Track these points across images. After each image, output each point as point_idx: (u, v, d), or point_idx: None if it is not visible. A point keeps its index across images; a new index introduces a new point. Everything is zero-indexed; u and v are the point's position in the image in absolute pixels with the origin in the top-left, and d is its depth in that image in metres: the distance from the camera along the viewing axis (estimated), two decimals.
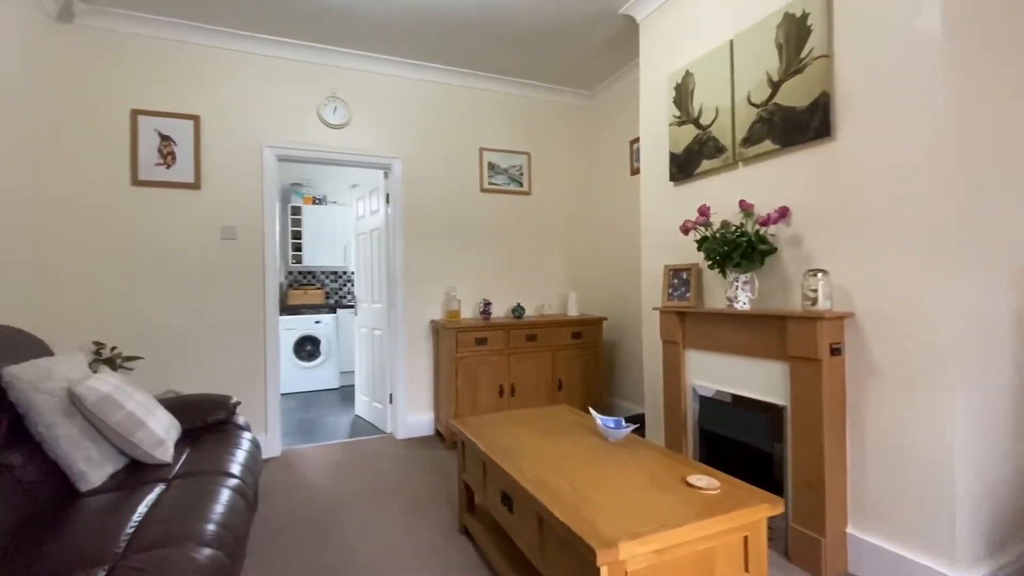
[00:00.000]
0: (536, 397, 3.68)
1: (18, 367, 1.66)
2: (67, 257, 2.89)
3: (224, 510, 1.58)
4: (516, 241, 4.10)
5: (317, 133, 3.49)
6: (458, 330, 3.43)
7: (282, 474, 3.02)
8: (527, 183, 4.13)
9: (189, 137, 3.18)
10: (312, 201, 6.10)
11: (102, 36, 2.98)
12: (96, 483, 1.72)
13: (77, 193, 2.92)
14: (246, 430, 2.42)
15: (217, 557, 1.31)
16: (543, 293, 4.20)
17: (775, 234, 2.17)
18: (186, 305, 3.16)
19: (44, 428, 1.66)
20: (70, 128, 2.91)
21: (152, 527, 1.39)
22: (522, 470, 1.64)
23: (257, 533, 2.30)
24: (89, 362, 2.76)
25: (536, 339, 3.67)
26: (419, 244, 3.78)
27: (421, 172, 3.78)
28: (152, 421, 1.91)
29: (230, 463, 1.95)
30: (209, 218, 3.22)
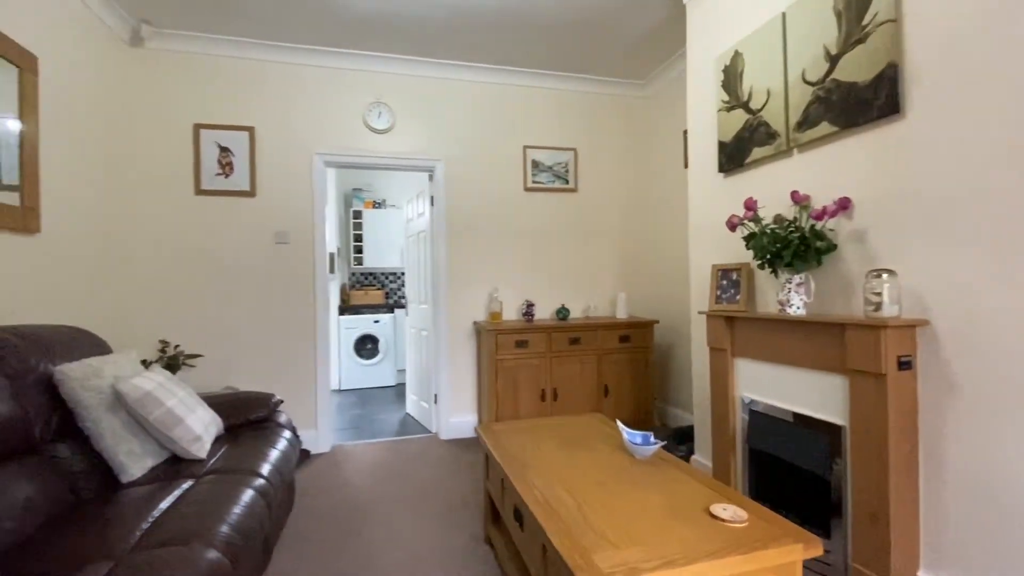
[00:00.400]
0: (580, 402, 3.54)
1: (69, 365, 1.81)
2: (140, 263, 3.17)
3: (241, 511, 1.62)
4: (561, 240, 3.97)
5: (363, 139, 3.57)
6: (498, 332, 3.37)
7: (327, 471, 3.12)
8: (573, 180, 3.99)
9: (245, 148, 3.37)
10: (372, 205, 6.32)
11: (168, 57, 3.23)
12: (136, 475, 1.85)
13: (148, 204, 3.19)
14: (286, 428, 2.51)
15: (219, 561, 1.33)
16: (591, 294, 4.04)
17: (834, 229, 1.89)
18: (243, 306, 3.36)
19: (91, 423, 1.80)
20: (142, 143, 3.18)
21: (167, 524, 1.45)
22: (532, 486, 1.55)
23: (290, 529, 2.38)
24: (155, 360, 3.00)
25: (580, 342, 3.53)
26: (462, 245, 3.76)
27: (464, 173, 3.77)
28: (190, 418, 2.02)
29: (261, 463, 2.02)
30: (263, 224, 3.40)
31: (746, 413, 2.25)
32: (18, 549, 1.36)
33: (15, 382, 1.68)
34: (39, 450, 1.70)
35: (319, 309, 3.50)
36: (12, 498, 1.48)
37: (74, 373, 1.81)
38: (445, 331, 3.72)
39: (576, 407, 3.53)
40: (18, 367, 1.70)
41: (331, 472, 3.10)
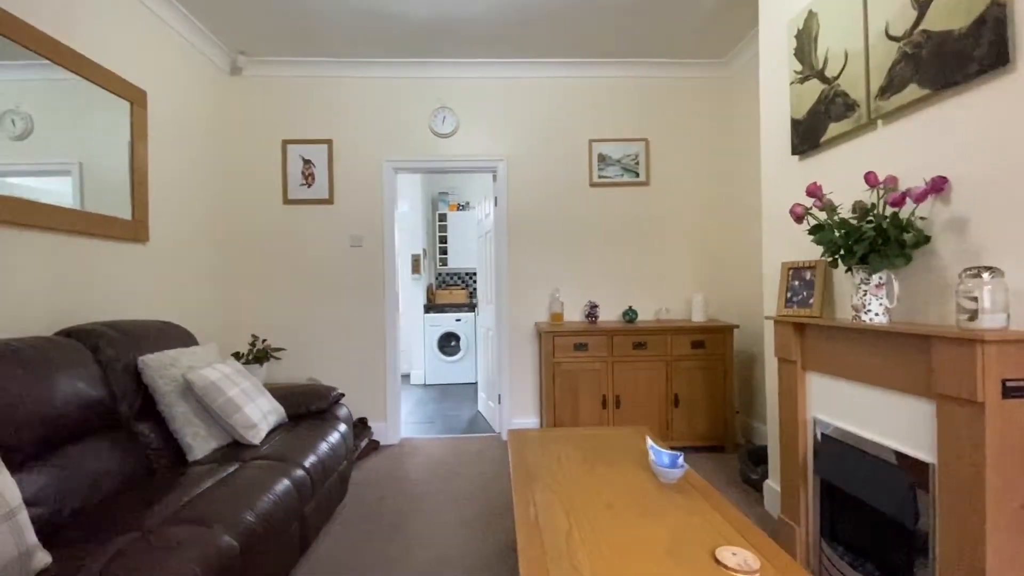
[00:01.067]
0: (646, 412, 3.30)
1: (150, 356, 2.09)
2: (235, 267, 3.59)
3: (270, 500, 1.73)
4: (631, 238, 3.74)
5: (429, 144, 3.68)
6: (555, 334, 3.27)
7: (390, 463, 3.27)
8: (645, 173, 3.73)
9: (324, 159, 3.65)
10: (456, 207, 6.53)
11: (260, 82, 3.61)
12: (200, 455, 2.07)
13: (244, 214, 3.60)
14: (342, 422, 2.67)
15: (228, 546, 1.43)
16: (664, 296, 3.74)
17: (927, 217, 1.52)
18: (322, 305, 3.64)
19: (165, 406, 2.06)
20: (239, 160, 3.60)
21: (200, 504, 1.60)
22: (529, 503, 1.45)
23: (340, 517, 2.51)
24: (246, 352, 3.37)
25: (646, 347, 3.29)
26: (524, 245, 3.71)
27: (525, 172, 3.71)
28: (249, 407, 2.23)
29: (306, 454, 2.16)
30: (340, 228, 3.66)
31: (816, 440, 1.90)
32: (88, 509, 1.60)
33: (107, 368, 1.97)
34: (124, 427, 1.98)
35: (388, 307, 3.67)
36: (96, 468, 1.74)
37: (153, 362, 2.08)
38: (507, 331, 3.70)
39: (641, 417, 3.30)
40: (111, 356, 2.00)
41: (393, 464, 3.23)
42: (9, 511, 1.16)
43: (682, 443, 3.31)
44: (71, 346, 1.87)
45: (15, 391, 1.53)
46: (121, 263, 2.51)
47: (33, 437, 1.56)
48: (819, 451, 1.88)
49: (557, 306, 3.54)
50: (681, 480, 1.58)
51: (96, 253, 2.35)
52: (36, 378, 1.62)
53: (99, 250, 2.37)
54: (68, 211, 2.18)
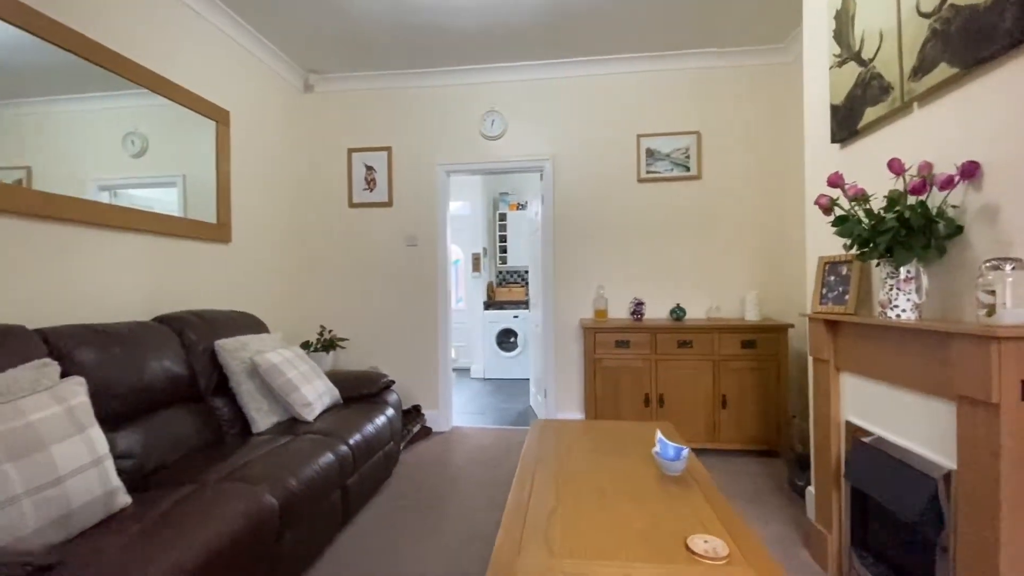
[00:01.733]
0: (691, 412, 3.22)
1: (225, 340, 2.43)
2: (307, 264, 3.99)
3: (313, 469, 1.96)
4: (680, 234, 3.65)
5: (479, 147, 3.85)
6: (596, 330, 3.29)
7: (437, 448, 3.48)
8: (696, 166, 3.63)
9: (384, 165, 3.95)
10: (516, 207, 6.68)
11: (329, 97, 3.98)
12: (262, 428, 2.38)
13: (315, 217, 3.99)
14: (390, 406, 2.90)
15: (269, 503, 1.66)
16: (715, 294, 3.62)
17: (959, 206, 1.40)
18: (382, 300, 3.94)
19: (235, 384, 2.38)
20: (310, 169, 3.99)
21: (253, 467, 1.86)
22: (525, 484, 1.54)
23: (385, 493, 2.73)
24: (315, 341, 3.73)
25: (692, 345, 3.21)
26: (570, 242, 3.76)
27: (572, 170, 3.75)
28: (306, 389, 2.51)
29: (352, 432, 2.39)
30: (398, 229, 3.93)
31: (847, 445, 1.80)
32: (167, 464, 1.92)
33: (190, 350, 2.33)
34: (201, 400, 2.32)
35: (441, 303, 3.89)
36: (177, 432, 2.07)
37: (227, 346, 2.42)
38: (553, 328, 3.77)
39: (685, 417, 3.22)
40: (193, 339, 2.36)
41: (441, 450, 3.43)
42: (98, 458, 1.45)
43: (730, 446, 3.20)
44: (161, 330, 2.23)
45: (113, 367, 1.88)
46: (207, 261, 2.92)
47: (127, 404, 1.90)
48: (849, 455, 1.78)
49: (601, 303, 3.55)
50: (684, 473, 1.58)
51: (187, 252, 2.76)
52: (130, 356, 1.97)
53: (189, 249, 2.77)
54: (164, 216, 2.59)
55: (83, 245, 2.16)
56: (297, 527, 1.83)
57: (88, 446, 1.45)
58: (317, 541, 2.01)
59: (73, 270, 2.11)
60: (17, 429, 1.29)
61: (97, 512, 1.43)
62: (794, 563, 1.98)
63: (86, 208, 2.15)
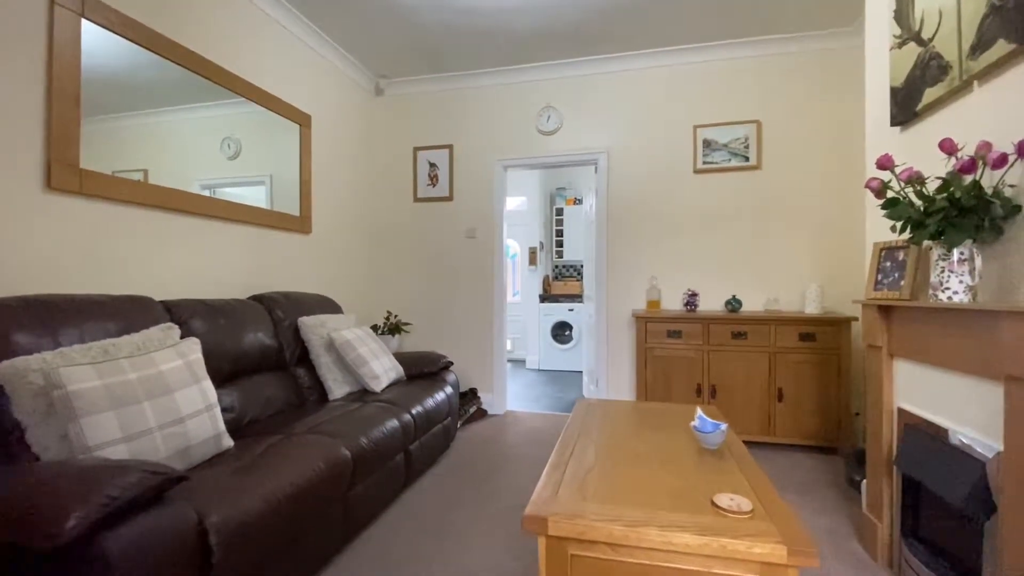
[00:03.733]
0: (745, 404, 3.19)
1: (306, 318, 2.73)
2: (378, 254, 4.31)
3: (381, 431, 2.20)
4: (737, 225, 3.60)
5: (535, 142, 3.99)
6: (647, 320, 3.34)
7: (492, 429, 3.67)
8: (755, 156, 3.57)
9: (446, 161, 4.19)
10: (573, 202, 6.76)
11: (396, 99, 4.27)
12: (337, 396, 2.66)
13: (386, 211, 4.31)
14: (449, 385, 3.12)
15: (344, 457, 1.90)
16: (774, 286, 3.54)
17: (1017, 184, 1.36)
18: (443, 289, 4.19)
19: (314, 357, 2.68)
20: (382, 167, 4.31)
21: (330, 425, 2.12)
22: (566, 448, 1.66)
23: (443, 465, 2.95)
24: (383, 324, 4.04)
25: (746, 337, 3.18)
26: (623, 233, 3.81)
27: (626, 162, 3.80)
28: (374, 363, 2.77)
29: (413, 404, 2.62)
30: (457, 222, 4.16)
31: (899, 432, 1.77)
32: (260, 419, 2.22)
33: (278, 325, 2.65)
34: (286, 368, 2.64)
35: (497, 293, 4.07)
36: (267, 393, 2.39)
37: (308, 323, 2.72)
38: (605, 318, 3.84)
39: (739, 409, 3.20)
40: (280, 316, 2.68)
41: (495, 430, 3.62)
42: (209, 404, 1.74)
43: (787, 440, 3.14)
44: (255, 307, 2.56)
45: (218, 334, 2.20)
46: (292, 249, 3.27)
47: (228, 366, 2.22)
48: (902, 443, 1.75)
49: (654, 293, 3.58)
50: (722, 448, 1.64)
51: (274, 241, 3.11)
52: (232, 327, 2.29)
53: (276, 239, 3.13)
54: (257, 209, 2.94)
55: (193, 232, 2.53)
56: (366, 480, 2.07)
57: (203, 395, 1.74)
58: (383, 496, 2.24)
59: (185, 253, 2.48)
60: (152, 376, 1.59)
61: (209, 449, 1.72)
62: (844, 554, 1.97)
63: (195, 201, 2.51)
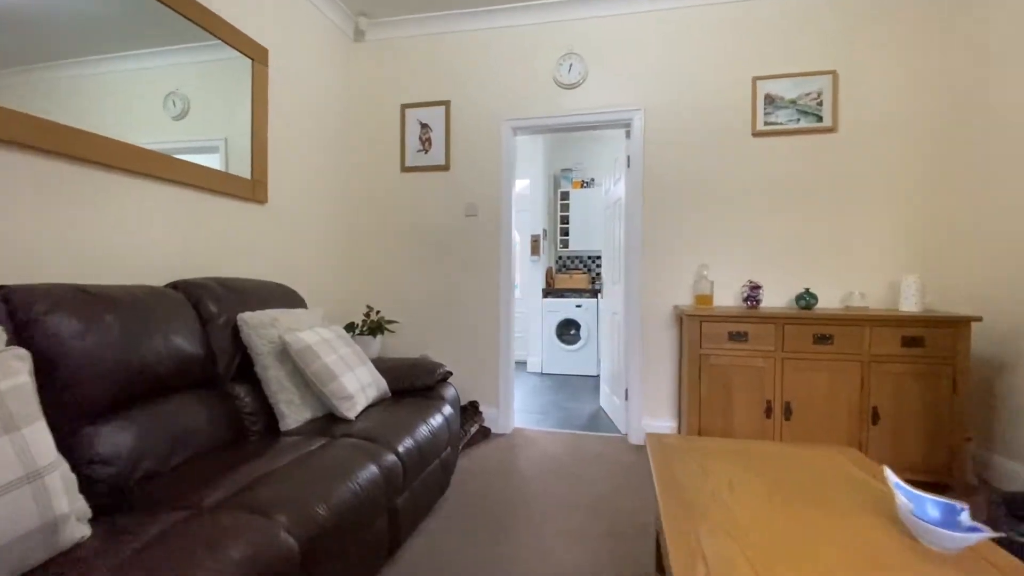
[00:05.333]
0: (828, 427, 2.49)
1: (249, 313, 1.94)
2: (355, 236, 3.51)
3: (353, 490, 1.43)
4: (807, 201, 2.90)
5: (552, 98, 3.23)
6: (704, 318, 2.61)
7: (499, 454, 2.91)
8: (830, 115, 2.86)
9: (441, 122, 3.40)
10: (580, 185, 6.02)
11: (381, 45, 3.47)
12: (292, 425, 1.87)
13: (364, 182, 3.51)
14: (447, 403, 2.35)
15: (288, 547, 1.13)
16: (856, 277, 2.85)
17: None
18: (437, 279, 3.41)
19: (260, 369, 1.89)
20: (360, 128, 3.51)
21: (271, 484, 1.33)
22: (693, 549, 0.92)
23: (440, 512, 2.19)
24: (360, 322, 3.25)
25: (832, 341, 2.48)
26: (662, 212, 3.08)
27: (666, 123, 3.07)
28: (346, 377, 1.99)
29: (402, 437, 1.85)
30: (456, 197, 3.38)
31: None
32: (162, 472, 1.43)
33: (208, 324, 1.84)
34: (218, 386, 1.84)
35: (503, 285, 3.31)
36: (182, 426, 1.58)
37: (252, 320, 1.92)
38: (637, 315, 3.11)
39: (821, 432, 2.50)
40: (213, 310, 1.87)
41: (503, 456, 2.87)
42: (34, 471, 0.95)
43: None
44: (172, 298, 1.75)
45: (101, 339, 1.40)
46: (240, 222, 2.46)
47: (116, 390, 1.42)
48: None
49: (705, 286, 2.86)
50: (969, 551, 0.91)
51: (216, 210, 2.30)
52: (126, 327, 1.49)
53: (220, 207, 2.32)
54: (188, 164, 2.13)
55: (89, 189, 1.71)
56: (325, 570, 1.30)
57: (20, 453, 0.95)
58: None
59: (73, 219, 1.67)
60: None
61: (32, 553, 0.93)
62: None
63: (90, 144, 1.70)
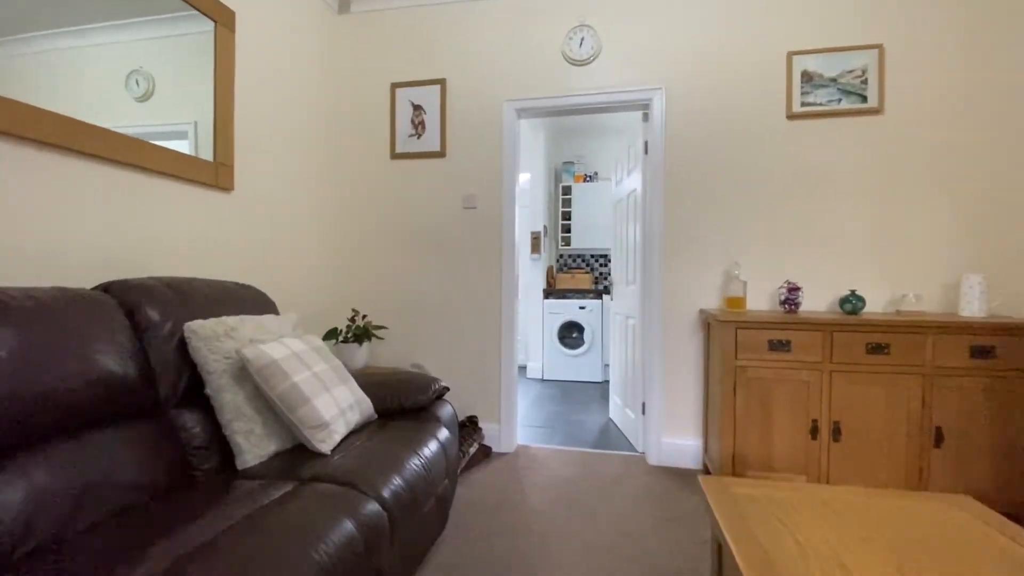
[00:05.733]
0: (883, 450, 2.16)
1: (200, 322, 1.56)
2: (338, 230, 3.14)
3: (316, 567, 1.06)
4: (849, 191, 2.57)
5: (561, 76, 2.88)
6: (740, 324, 2.27)
7: (503, 479, 2.55)
8: (876, 95, 2.53)
9: (436, 103, 3.04)
10: (583, 179, 5.68)
11: (369, 18, 3.10)
12: (251, 463, 1.50)
13: (348, 170, 3.14)
14: (444, 426, 2.00)
15: None
16: (906, 276, 2.52)
17: None
18: (430, 279, 3.05)
19: (213, 391, 1.52)
20: (344, 109, 3.13)
21: (206, 565, 0.97)
22: None
23: (433, 560, 1.83)
24: (344, 328, 2.88)
25: (887, 351, 2.15)
26: (685, 205, 2.74)
27: (691, 104, 2.73)
28: (322, 399, 1.62)
29: (388, 477, 1.48)
30: (452, 186, 3.02)
31: None
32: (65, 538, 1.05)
33: (146, 335, 1.47)
34: (158, 415, 1.47)
35: (506, 284, 2.96)
36: (101, 470, 1.22)
37: (203, 331, 1.55)
38: (657, 320, 2.77)
39: (872, 455, 2.17)
40: (153, 319, 1.50)
41: (507, 482, 2.51)
42: None
43: None
44: (97, 303, 1.38)
45: None
46: (198, 212, 2.09)
47: (4, 427, 1.05)
48: None
49: (736, 288, 2.52)
50: None
51: (166, 196, 1.92)
52: (23, 343, 1.12)
53: (170, 193, 1.94)
54: (129, 139, 1.75)
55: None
56: None
57: None
58: None
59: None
60: None
61: None
62: None
63: None
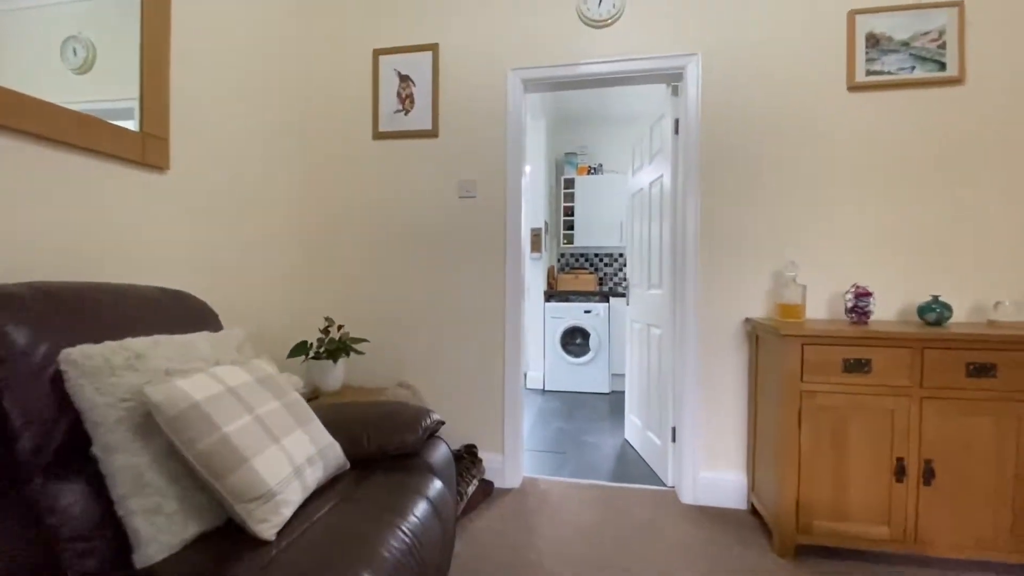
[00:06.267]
0: (987, 497, 1.74)
1: (85, 348, 1.07)
2: (305, 224, 2.65)
3: None
4: (929, 177, 2.15)
5: (575, 39, 2.43)
6: (805, 339, 1.83)
7: (508, 527, 2.09)
8: (956, 62, 2.11)
9: (427, 73, 2.57)
10: (587, 171, 5.24)
11: None
12: (156, 557, 1.02)
13: (319, 152, 2.66)
14: (436, 477, 1.53)
15: None
16: (999, 280, 2.10)
17: None
18: (420, 280, 2.58)
19: (100, 450, 1.04)
20: (319, 79, 2.66)
21: None
22: None
23: None
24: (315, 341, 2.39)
25: (994, 373, 1.72)
26: (725, 193, 2.30)
27: (732, 73, 2.29)
28: (266, 455, 1.14)
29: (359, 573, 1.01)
30: (446, 172, 2.56)
31: None
32: None
33: (2, 366, 0.99)
34: (18, 486, 0.99)
35: (510, 287, 2.50)
36: None
37: (88, 361, 1.06)
38: (693, 331, 2.32)
39: (976, 505, 1.74)
40: (17, 342, 1.02)
41: (514, 530, 2.05)
42: None
43: None
44: None
45: None
46: (117, 196, 1.59)
47: None
48: None
49: (793, 293, 2.08)
50: None
51: (64, 174, 1.43)
52: None
53: (76, 170, 1.45)
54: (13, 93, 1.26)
55: None
56: None
57: None
58: None
59: None
60: None
61: None
62: None
63: None
